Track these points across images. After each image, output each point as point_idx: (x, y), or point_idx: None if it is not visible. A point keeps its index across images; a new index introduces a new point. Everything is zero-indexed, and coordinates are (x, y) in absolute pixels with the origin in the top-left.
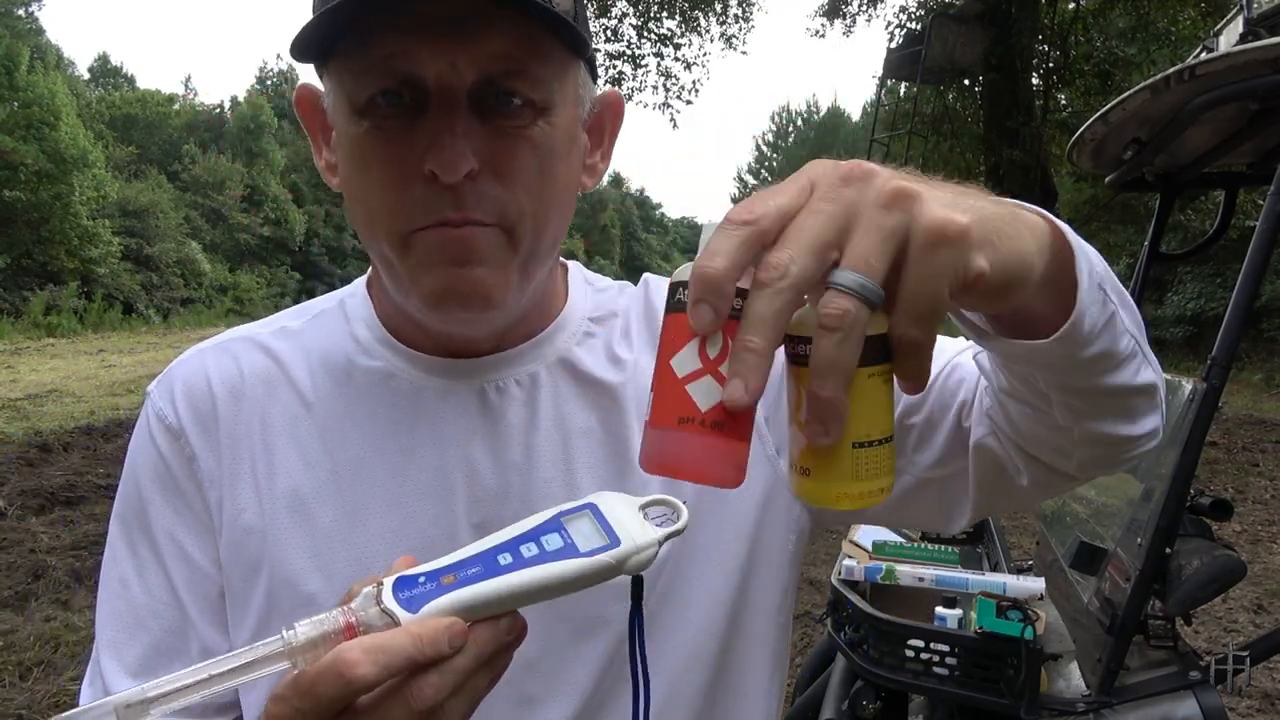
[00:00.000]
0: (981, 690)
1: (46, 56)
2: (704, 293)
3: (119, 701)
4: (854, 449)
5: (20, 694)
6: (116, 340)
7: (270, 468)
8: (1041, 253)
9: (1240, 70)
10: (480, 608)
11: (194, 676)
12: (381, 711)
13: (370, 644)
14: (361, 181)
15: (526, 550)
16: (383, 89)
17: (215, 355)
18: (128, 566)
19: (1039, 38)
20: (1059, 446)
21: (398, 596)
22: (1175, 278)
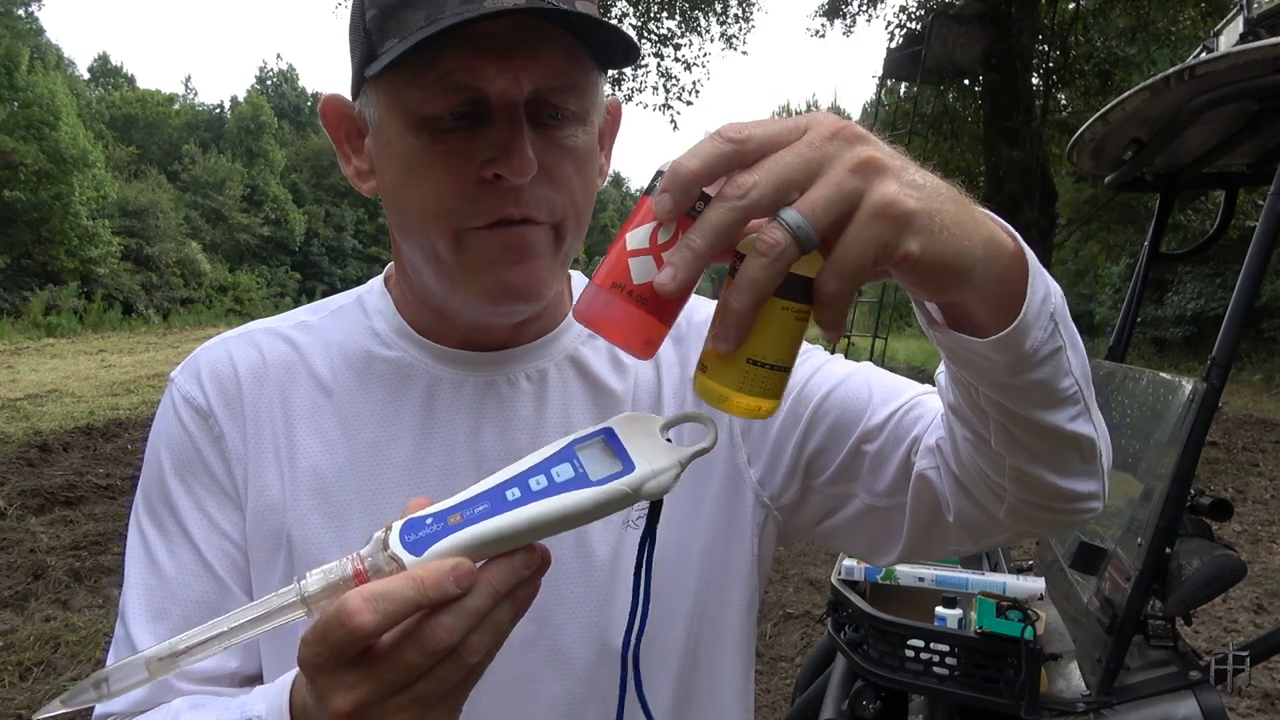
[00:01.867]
0: (981, 690)
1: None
2: (671, 185)
3: (150, 655)
4: (747, 363)
5: (20, 694)
6: (116, 340)
7: (292, 449)
8: (987, 260)
9: (1240, 70)
10: (488, 545)
11: (215, 629)
12: (395, 655)
13: (370, 591)
14: (417, 188)
15: (535, 483)
16: (451, 108)
17: (238, 343)
18: (156, 543)
19: (1039, 38)
20: (992, 484)
21: (404, 540)
22: (1175, 278)
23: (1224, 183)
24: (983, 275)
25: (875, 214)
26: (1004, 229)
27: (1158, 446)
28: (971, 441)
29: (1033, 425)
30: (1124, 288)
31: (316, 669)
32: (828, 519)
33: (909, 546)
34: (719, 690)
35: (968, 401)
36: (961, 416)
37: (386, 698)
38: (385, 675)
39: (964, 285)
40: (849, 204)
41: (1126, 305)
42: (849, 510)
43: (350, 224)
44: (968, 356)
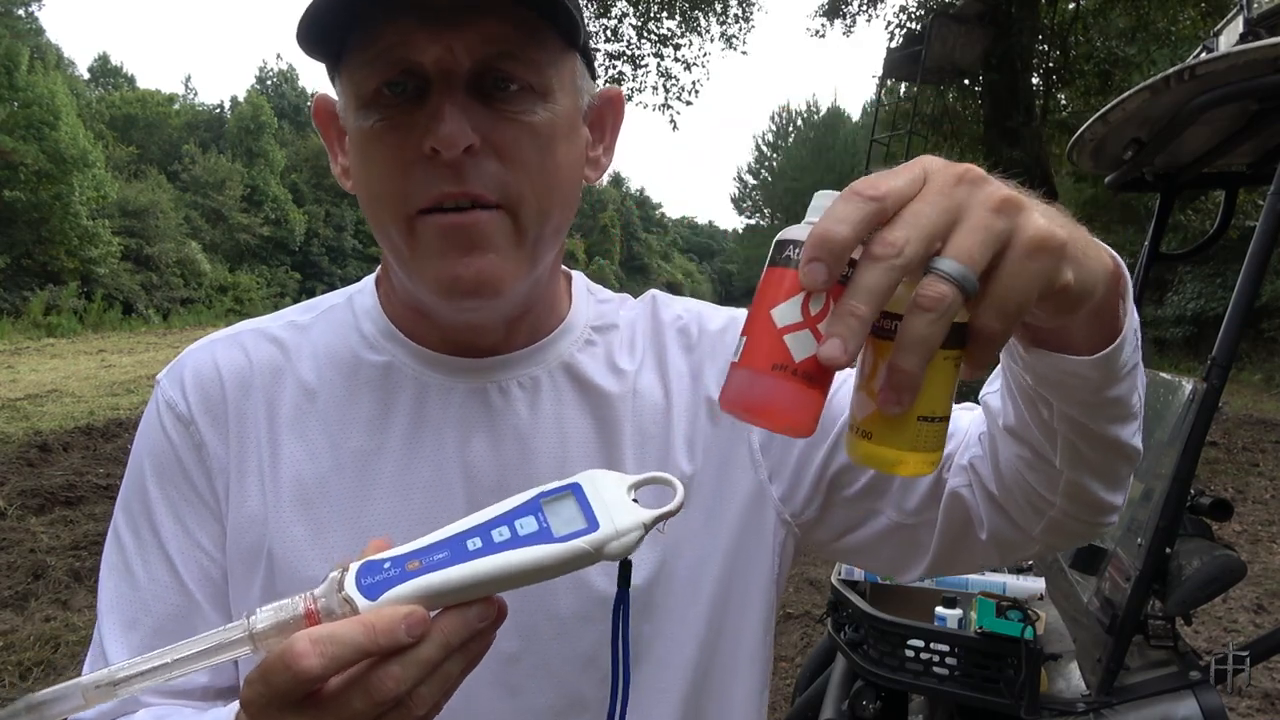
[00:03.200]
0: (981, 690)
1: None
2: (822, 253)
3: (86, 683)
4: (918, 421)
5: (20, 694)
6: (116, 340)
7: (275, 457)
8: (1105, 279)
9: (1240, 70)
10: (444, 595)
11: (160, 660)
12: (342, 702)
13: (319, 634)
14: (368, 172)
15: (498, 535)
16: (386, 80)
17: (225, 346)
18: (132, 552)
19: (1039, 38)
20: (1037, 501)
21: (360, 583)
22: (1175, 278)
23: (1224, 183)
24: (1102, 296)
25: (1034, 249)
26: (1099, 242)
27: (1158, 446)
28: (1028, 460)
29: (1104, 440)
30: None
31: (259, 709)
32: (849, 534)
33: (935, 563)
34: (731, 709)
35: (1036, 421)
36: (1021, 437)
37: None
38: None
39: (1091, 304)
40: (1002, 244)
41: None
42: (874, 526)
43: (350, 224)
44: (1060, 378)
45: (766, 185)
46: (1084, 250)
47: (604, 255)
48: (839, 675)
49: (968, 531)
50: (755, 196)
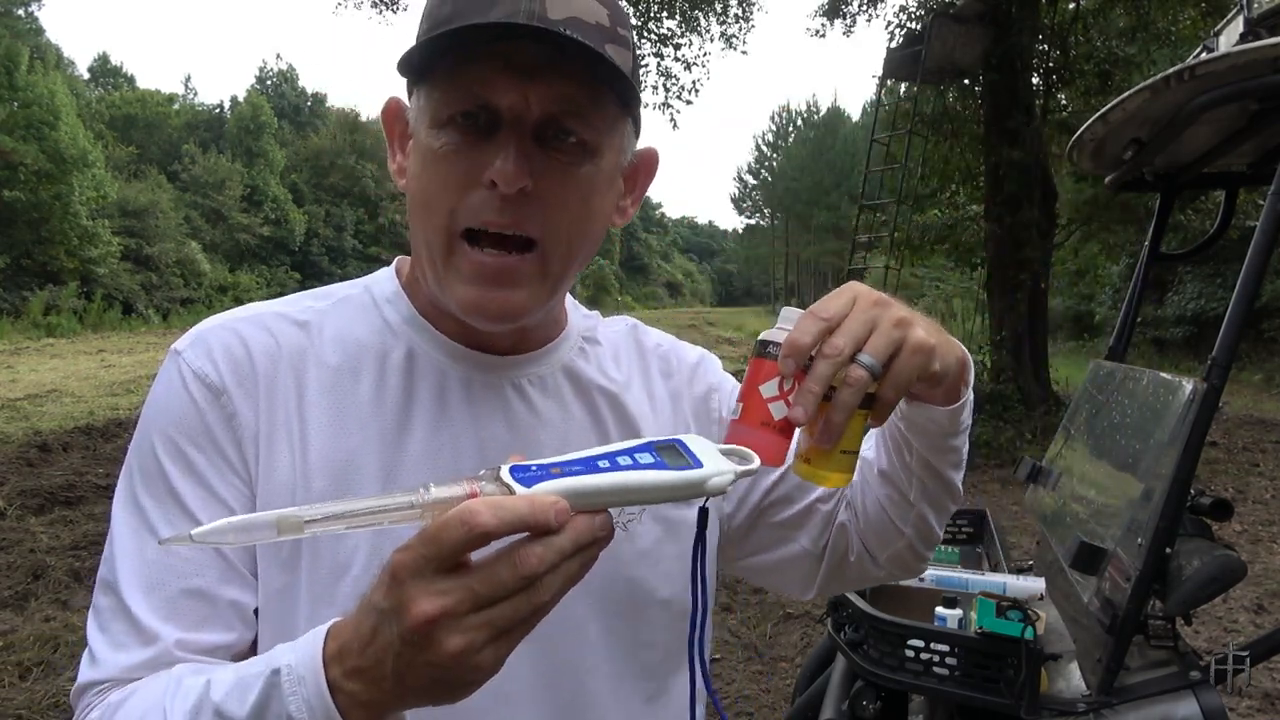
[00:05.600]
0: (981, 690)
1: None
2: (794, 354)
3: (282, 516)
4: (841, 453)
5: (20, 694)
6: (116, 340)
7: (304, 432)
8: (956, 366)
9: (1240, 70)
10: (582, 495)
11: (340, 509)
12: (491, 569)
13: (492, 501)
14: (429, 182)
15: (623, 460)
16: (463, 110)
17: (249, 325)
18: (155, 516)
19: (1039, 38)
20: (891, 534)
21: (515, 476)
22: (1175, 278)
23: (1224, 183)
24: (954, 375)
25: (916, 350)
26: (955, 341)
27: (1158, 446)
28: (892, 498)
29: (943, 480)
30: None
31: (412, 572)
32: (760, 554)
33: (819, 587)
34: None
35: (900, 464)
36: (889, 477)
37: (467, 612)
38: (475, 587)
39: (945, 383)
40: (897, 345)
41: (1126, 305)
42: (786, 551)
43: (350, 224)
44: (924, 423)
45: (766, 185)
46: (946, 350)
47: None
48: (839, 675)
49: (844, 560)
50: (755, 196)
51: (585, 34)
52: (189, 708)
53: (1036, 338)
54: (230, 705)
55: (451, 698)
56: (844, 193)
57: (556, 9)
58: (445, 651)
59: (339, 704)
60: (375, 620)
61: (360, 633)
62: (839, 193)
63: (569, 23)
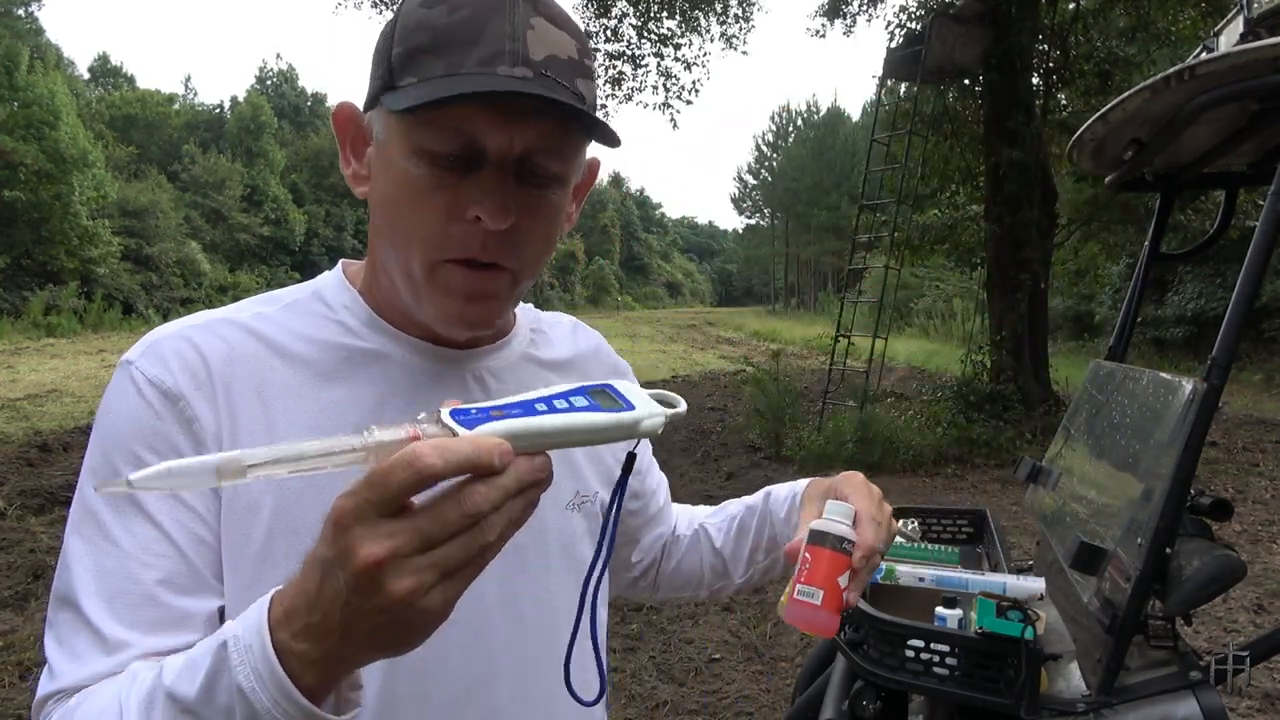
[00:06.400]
0: (981, 690)
1: (46, 56)
2: (869, 559)
3: (221, 460)
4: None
5: (20, 694)
6: (116, 340)
7: (270, 432)
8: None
9: (1240, 70)
10: (523, 437)
11: (284, 452)
12: (437, 509)
13: (437, 443)
14: (410, 211)
15: (559, 404)
16: (451, 151)
17: (200, 333)
18: (113, 525)
19: (1039, 38)
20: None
21: (456, 419)
22: (1175, 278)
23: (1224, 183)
24: None
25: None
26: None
27: (1158, 446)
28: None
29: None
30: (1124, 288)
31: (357, 517)
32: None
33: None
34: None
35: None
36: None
37: (414, 553)
38: (422, 527)
39: None
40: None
41: (1126, 305)
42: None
43: (350, 224)
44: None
45: (766, 185)
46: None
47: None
48: (839, 675)
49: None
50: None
51: (560, 72)
52: (142, 697)
53: (1036, 338)
54: (181, 686)
55: (402, 646)
56: (844, 193)
57: (536, 48)
58: (394, 594)
59: (288, 667)
60: (321, 572)
61: (306, 589)
62: (839, 193)
63: (548, 62)
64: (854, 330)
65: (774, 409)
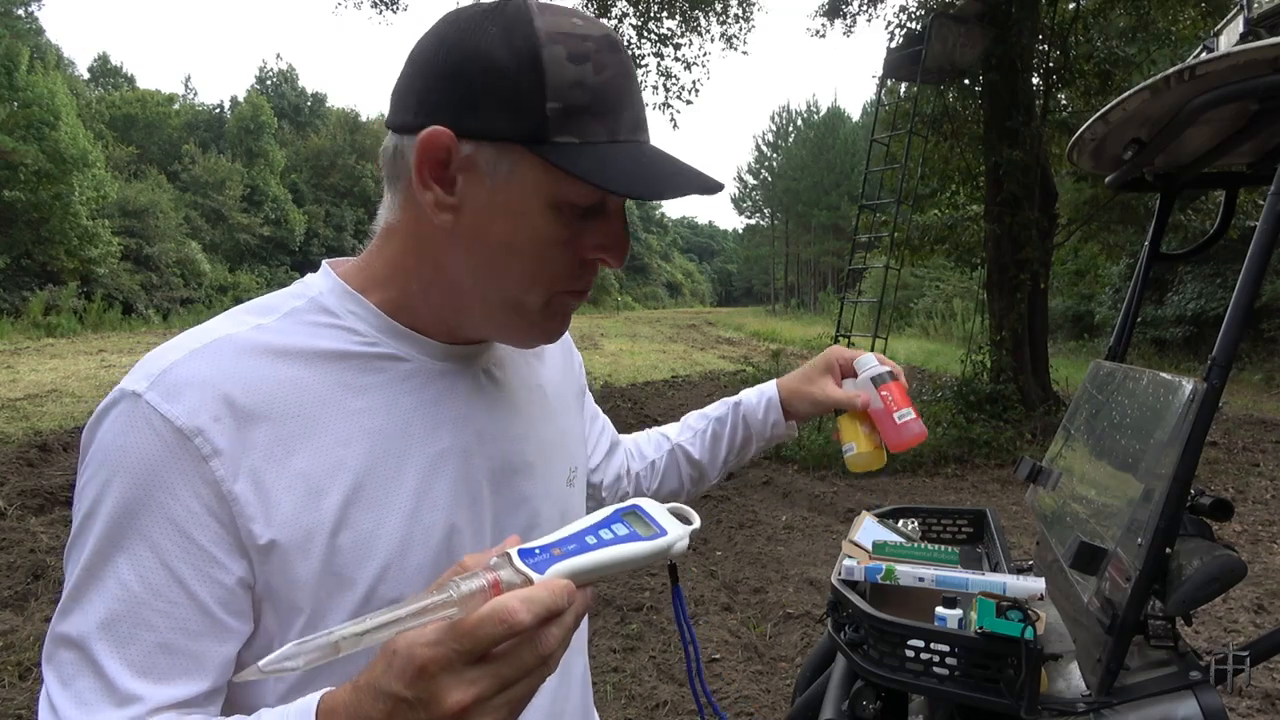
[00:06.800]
0: (981, 690)
1: (46, 56)
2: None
3: (340, 635)
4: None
5: (20, 694)
6: (116, 340)
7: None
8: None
9: (1240, 70)
10: (583, 573)
11: (388, 616)
12: (516, 655)
13: (524, 596)
14: (538, 254)
15: (605, 534)
16: (590, 204)
17: (210, 357)
18: (124, 567)
19: (1039, 38)
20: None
21: (526, 562)
22: (1175, 278)
23: (1224, 183)
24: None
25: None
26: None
27: (1158, 446)
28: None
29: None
30: (1124, 288)
31: (443, 666)
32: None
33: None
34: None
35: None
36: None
37: (495, 694)
38: (503, 672)
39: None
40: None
41: (1126, 305)
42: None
43: (350, 224)
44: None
45: (766, 185)
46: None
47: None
48: (839, 675)
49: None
50: (755, 196)
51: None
52: None
53: (1036, 338)
54: None
55: None
56: (844, 193)
57: (640, 108)
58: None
59: None
60: (389, 707)
61: (366, 715)
62: (839, 193)
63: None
64: (854, 330)
65: None
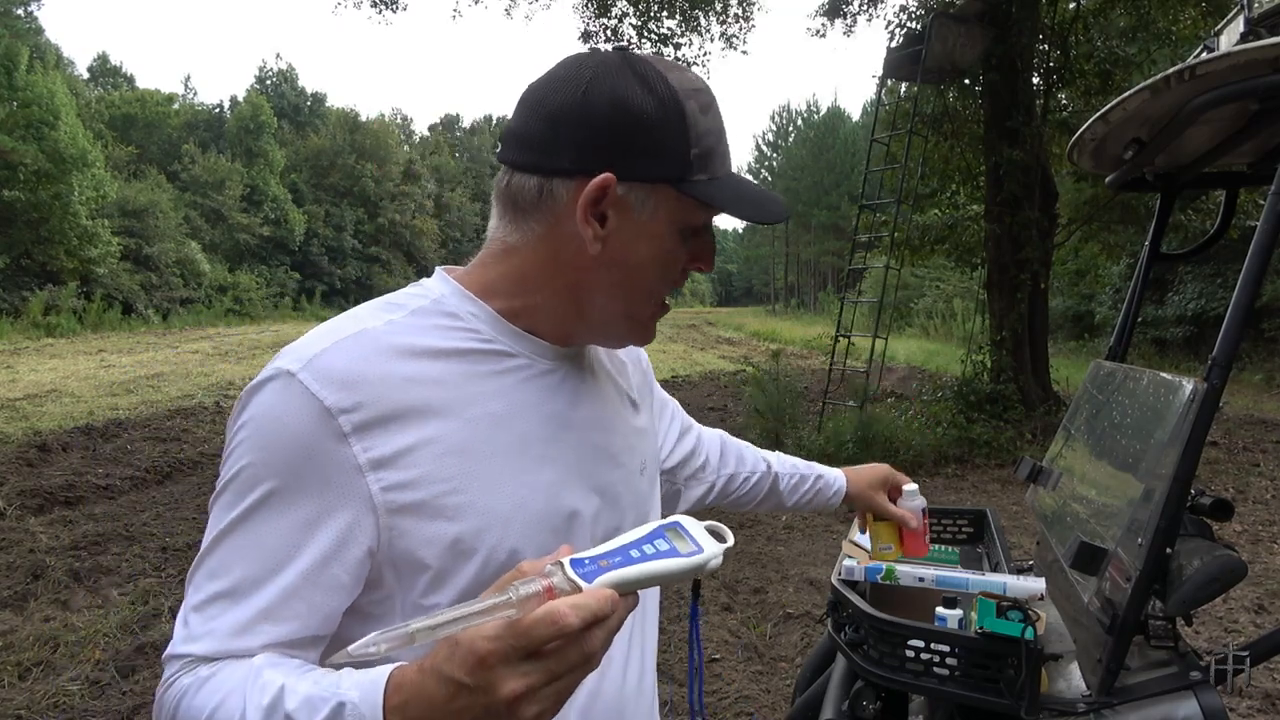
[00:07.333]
0: (981, 690)
1: (46, 56)
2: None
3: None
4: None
5: (20, 694)
6: (116, 340)
7: (436, 426)
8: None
9: (1240, 70)
10: (624, 584)
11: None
12: (564, 653)
13: (573, 602)
14: (661, 270)
15: (648, 549)
16: (705, 224)
17: (353, 347)
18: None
19: (1039, 38)
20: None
21: (576, 571)
22: (1175, 278)
23: (1224, 183)
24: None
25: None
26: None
27: (1158, 446)
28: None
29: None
30: (1124, 288)
31: (501, 659)
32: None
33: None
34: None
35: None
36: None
37: (544, 686)
38: (553, 668)
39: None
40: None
41: (1127, 305)
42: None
43: (350, 224)
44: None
45: (767, 185)
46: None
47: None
48: (839, 675)
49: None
50: None
51: None
52: (265, 704)
53: (1036, 338)
54: (300, 718)
55: None
56: (844, 193)
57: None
58: (520, 719)
59: None
60: (451, 690)
61: (429, 696)
62: (839, 193)
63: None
64: (854, 330)
65: (774, 409)
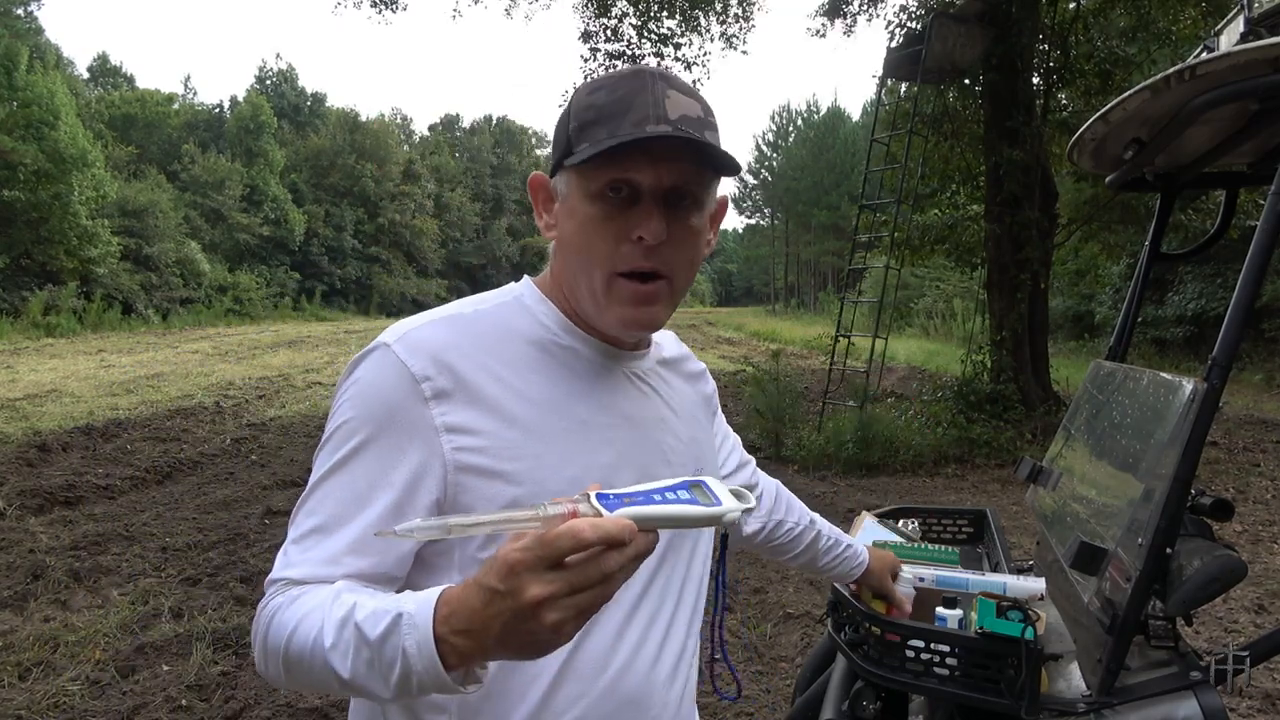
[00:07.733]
0: (982, 690)
1: (46, 56)
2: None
3: (454, 522)
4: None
5: (19, 694)
6: (115, 340)
7: (505, 402)
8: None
9: (1240, 70)
10: (644, 520)
11: (488, 517)
12: (580, 569)
13: (591, 522)
14: (586, 239)
15: (670, 495)
16: (611, 183)
17: (443, 327)
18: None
19: (1039, 38)
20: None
21: (601, 503)
22: (1175, 278)
23: (1225, 183)
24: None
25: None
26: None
27: (1158, 446)
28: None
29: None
30: (1124, 288)
31: (527, 567)
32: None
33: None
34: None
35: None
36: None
37: (564, 596)
38: (572, 579)
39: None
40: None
41: (1127, 305)
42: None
43: (350, 224)
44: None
45: (766, 185)
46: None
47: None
48: (839, 675)
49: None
50: (755, 196)
51: (691, 125)
52: (340, 616)
53: (1036, 338)
54: (366, 626)
55: (530, 655)
56: (844, 193)
57: (673, 111)
58: (543, 623)
59: (440, 650)
60: (487, 596)
61: (470, 605)
62: (839, 193)
63: (682, 119)
64: (854, 330)
65: (774, 409)
